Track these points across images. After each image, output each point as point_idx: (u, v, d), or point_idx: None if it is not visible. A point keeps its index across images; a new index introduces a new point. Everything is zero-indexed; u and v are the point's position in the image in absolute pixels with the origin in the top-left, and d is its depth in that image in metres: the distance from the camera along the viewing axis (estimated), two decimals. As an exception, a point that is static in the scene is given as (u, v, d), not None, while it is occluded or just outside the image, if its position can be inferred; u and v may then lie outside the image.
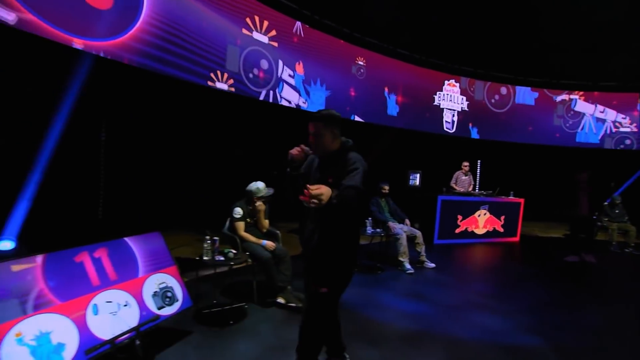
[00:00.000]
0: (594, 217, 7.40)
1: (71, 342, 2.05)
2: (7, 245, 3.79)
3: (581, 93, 10.15)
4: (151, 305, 2.57)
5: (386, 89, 8.52)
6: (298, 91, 7.04)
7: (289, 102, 6.89)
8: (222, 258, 3.11)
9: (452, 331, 3.14)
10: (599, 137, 10.07)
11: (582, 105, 10.09)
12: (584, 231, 6.77)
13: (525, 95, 10.06)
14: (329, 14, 7.57)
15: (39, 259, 2.15)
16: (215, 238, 3.20)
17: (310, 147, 2.00)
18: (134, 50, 4.76)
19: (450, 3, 7.60)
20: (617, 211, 7.17)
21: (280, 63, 6.75)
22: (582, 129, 10.09)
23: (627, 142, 10.04)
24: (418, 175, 7.67)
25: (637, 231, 7.03)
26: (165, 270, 2.82)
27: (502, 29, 8.18)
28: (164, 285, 2.73)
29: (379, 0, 7.34)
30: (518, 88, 10.03)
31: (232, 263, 3.06)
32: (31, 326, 1.94)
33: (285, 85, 6.82)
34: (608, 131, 10.07)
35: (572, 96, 10.18)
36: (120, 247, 2.64)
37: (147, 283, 2.64)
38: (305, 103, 7.16)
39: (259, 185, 3.59)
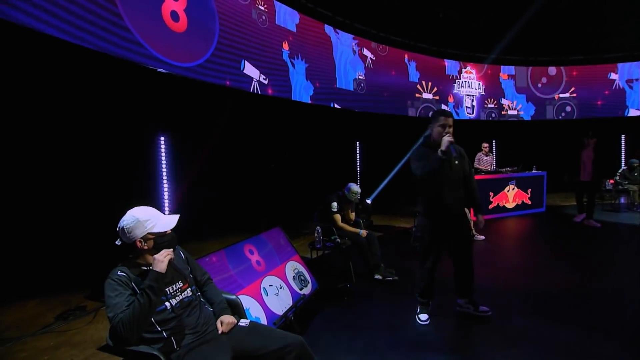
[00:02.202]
0: (601, 183, 8.07)
1: (262, 316, 2.53)
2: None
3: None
4: (295, 287, 3.06)
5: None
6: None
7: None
8: (331, 244, 3.60)
9: (527, 285, 3.69)
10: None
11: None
12: (588, 196, 6.59)
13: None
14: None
15: (223, 252, 2.62)
16: (319, 228, 3.69)
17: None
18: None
19: None
20: (636, 174, 7.78)
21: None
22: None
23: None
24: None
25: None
26: (293, 259, 3.30)
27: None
28: (297, 270, 3.22)
29: None
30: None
31: (343, 247, 3.56)
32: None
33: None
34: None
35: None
36: (260, 241, 3.11)
37: (287, 269, 3.12)
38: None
39: (357, 190, 4.14)
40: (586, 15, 9.39)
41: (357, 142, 9.10)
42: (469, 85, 9.67)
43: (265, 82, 6.63)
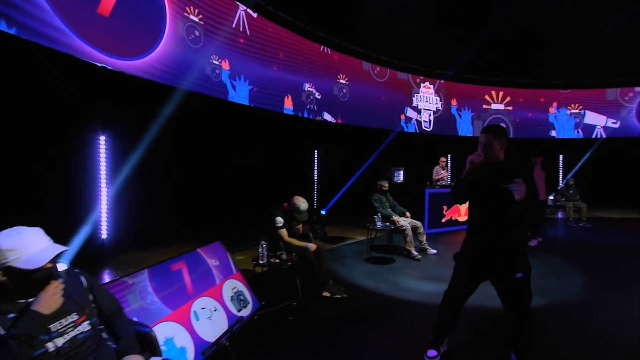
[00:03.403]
0: (550, 199, 8.50)
1: (189, 345, 2.25)
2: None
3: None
4: (233, 308, 2.80)
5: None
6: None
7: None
8: (277, 260, 3.38)
9: (474, 301, 3.67)
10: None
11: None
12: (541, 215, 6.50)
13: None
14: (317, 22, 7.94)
15: (146, 272, 2.31)
16: (263, 243, 3.45)
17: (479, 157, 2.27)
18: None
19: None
20: (571, 192, 8.30)
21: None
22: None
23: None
24: (402, 172, 8.28)
25: (587, 208, 8.24)
26: (233, 277, 3.04)
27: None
28: (236, 290, 2.96)
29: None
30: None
31: (289, 263, 3.35)
32: (158, 333, 2.12)
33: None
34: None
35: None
36: (195, 258, 2.82)
37: (225, 289, 2.86)
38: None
39: (304, 207, 3.85)
40: (533, 43, 10.01)
41: (315, 151, 8.97)
42: (427, 99, 9.91)
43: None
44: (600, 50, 9.37)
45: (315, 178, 8.97)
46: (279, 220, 3.83)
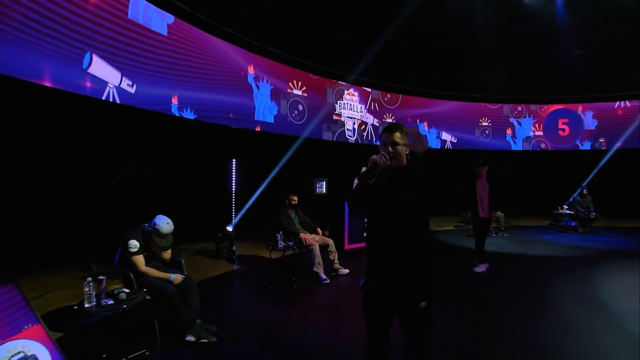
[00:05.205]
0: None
1: None
2: None
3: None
4: (9, 383, 1.95)
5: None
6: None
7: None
8: (110, 301, 2.55)
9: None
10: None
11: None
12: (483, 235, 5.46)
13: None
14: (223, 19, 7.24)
15: None
16: (101, 277, 2.64)
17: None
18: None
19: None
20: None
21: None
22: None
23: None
24: (324, 183, 7.79)
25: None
26: (23, 334, 2.17)
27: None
28: (21, 355, 2.10)
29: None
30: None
31: (125, 306, 2.52)
32: None
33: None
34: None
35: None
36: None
37: (0, 352, 2.00)
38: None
39: (167, 230, 3.10)
40: (458, 56, 10.23)
41: (233, 160, 8.18)
42: (351, 107, 9.60)
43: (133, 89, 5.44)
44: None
45: (234, 189, 8.15)
46: (133, 244, 3.02)
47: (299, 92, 8.68)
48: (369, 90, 10.21)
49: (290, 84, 8.52)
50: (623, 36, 9.63)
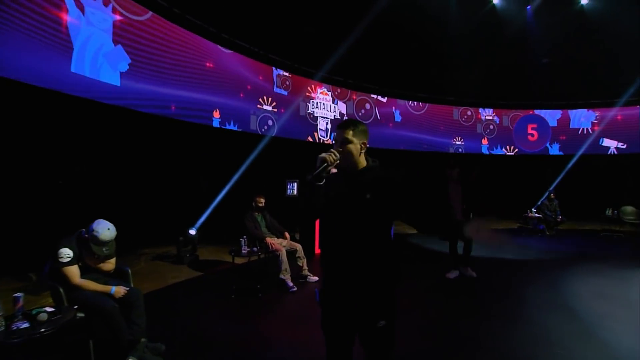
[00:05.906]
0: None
1: None
2: None
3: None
4: None
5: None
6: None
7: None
8: (25, 324, 2.11)
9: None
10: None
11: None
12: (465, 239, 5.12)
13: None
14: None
15: None
16: (18, 295, 2.22)
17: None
18: None
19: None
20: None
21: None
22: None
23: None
24: (296, 184, 7.50)
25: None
26: None
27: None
28: None
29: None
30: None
31: (43, 330, 2.10)
32: None
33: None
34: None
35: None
36: None
37: None
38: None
39: (106, 237, 2.70)
40: (432, 58, 10.24)
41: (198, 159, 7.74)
42: (324, 107, 9.36)
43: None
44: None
45: (198, 190, 7.71)
46: (65, 252, 2.62)
47: (269, 108, 8.41)
48: (342, 89, 10.02)
49: (260, 99, 8.23)
50: (587, 47, 10.03)
